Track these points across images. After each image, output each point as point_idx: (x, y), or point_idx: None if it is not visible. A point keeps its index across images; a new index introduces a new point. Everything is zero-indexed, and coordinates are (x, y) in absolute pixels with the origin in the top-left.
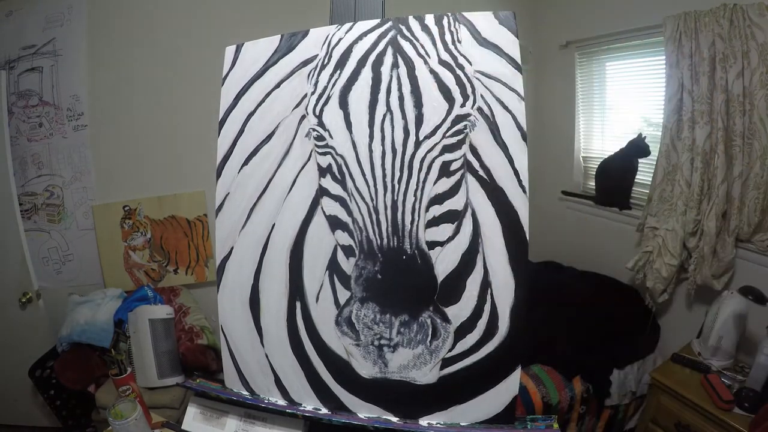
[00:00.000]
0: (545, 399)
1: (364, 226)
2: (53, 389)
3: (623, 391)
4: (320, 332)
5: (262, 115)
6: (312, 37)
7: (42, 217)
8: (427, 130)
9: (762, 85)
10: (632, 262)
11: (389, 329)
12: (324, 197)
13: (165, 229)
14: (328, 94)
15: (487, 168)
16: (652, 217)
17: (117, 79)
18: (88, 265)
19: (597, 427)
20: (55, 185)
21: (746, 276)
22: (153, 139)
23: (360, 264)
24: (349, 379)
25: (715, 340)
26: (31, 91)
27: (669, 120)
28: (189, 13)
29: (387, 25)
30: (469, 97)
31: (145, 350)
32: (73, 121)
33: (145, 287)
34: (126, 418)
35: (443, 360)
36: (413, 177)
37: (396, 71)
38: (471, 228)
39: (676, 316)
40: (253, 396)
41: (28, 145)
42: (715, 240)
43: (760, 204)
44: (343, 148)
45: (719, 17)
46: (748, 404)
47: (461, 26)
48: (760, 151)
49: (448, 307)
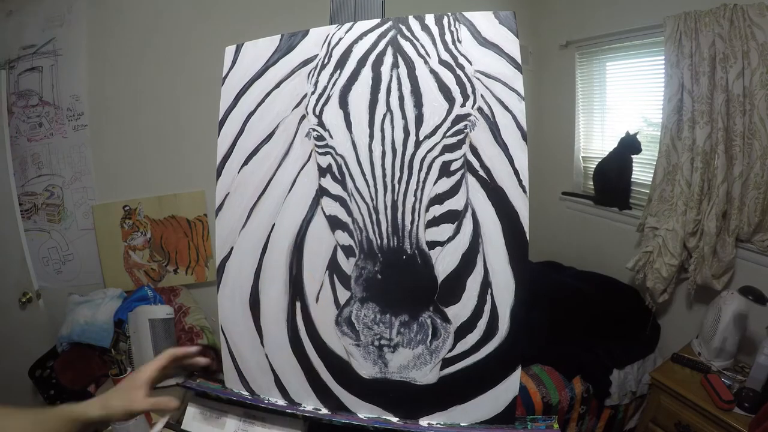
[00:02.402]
0: (545, 399)
1: (364, 226)
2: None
3: (623, 391)
4: (320, 332)
5: (262, 115)
6: (312, 36)
7: (42, 217)
8: (428, 129)
9: (762, 85)
10: (632, 262)
11: (389, 329)
12: (324, 197)
13: (165, 229)
14: (328, 94)
15: (487, 168)
16: (652, 217)
17: (117, 79)
18: (88, 265)
19: (597, 427)
20: (55, 185)
21: (746, 276)
22: (153, 138)
23: (360, 264)
24: (349, 379)
25: (716, 340)
26: (31, 91)
27: (669, 120)
28: (189, 13)
29: (387, 24)
30: (470, 96)
31: (145, 350)
32: (73, 121)
33: (145, 287)
34: None
35: (443, 360)
36: (413, 177)
37: (396, 71)
38: (471, 228)
39: (676, 316)
40: (252, 396)
41: (28, 145)
42: (716, 240)
43: (760, 204)
44: (343, 148)
45: (719, 17)
46: (748, 404)
47: (461, 26)
48: (761, 151)
49: (448, 307)
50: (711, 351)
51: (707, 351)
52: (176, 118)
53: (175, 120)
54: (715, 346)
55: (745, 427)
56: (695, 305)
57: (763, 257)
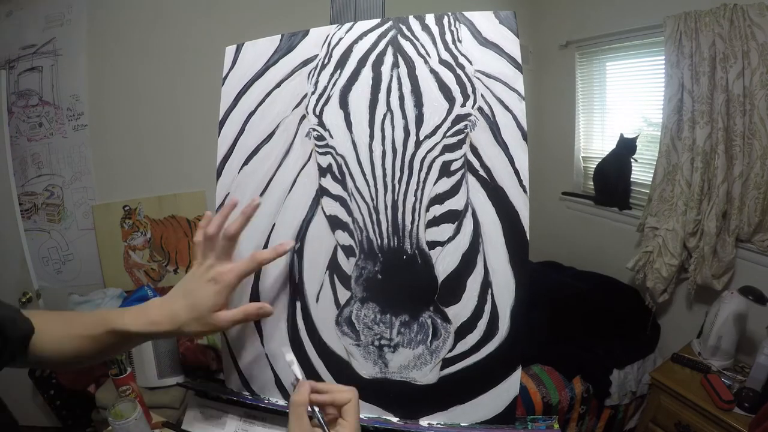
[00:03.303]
0: (545, 399)
1: (364, 226)
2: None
3: (623, 391)
4: (320, 332)
5: (262, 115)
6: (312, 36)
7: (42, 216)
8: (428, 129)
9: (762, 85)
10: (632, 262)
11: (389, 329)
12: (324, 197)
13: (165, 229)
14: (329, 93)
15: (487, 168)
16: (652, 217)
17: (117, 79)
18: (88, 265)
19: (597, 427)
20: (55, 185)
21: (746, 276)
22: (153, 138)
23: (360, 264)
24: (349, 379)
25: (715, 340)
26: (31, 91)
27: (669, 120)
28: (189, 13)
29: (387, 24)
30: (470, 96)
31: (145, 350)
32: (73, 121)
33: (145, 287)
34: (126, 418)
35: (444, 360)
36: (413, 177)
37: (396, 71)
38: (471, 228)
39: (676, 316)
40: (253, 396)
41: (28, 144)
42: (716, 240)
43: (760, 204)
44: (343, 148)
45: (719, 17)
46: (748, 404)
47: (461, 26)
48: (761, 151)
49: (449, 307)
50: (711, 351)
51: (707, 351)
52: (176, 118)
53: (175, 120)
54: (714, 346)
55: (745, 427)
56: (695, 305)
57: (763, 257)
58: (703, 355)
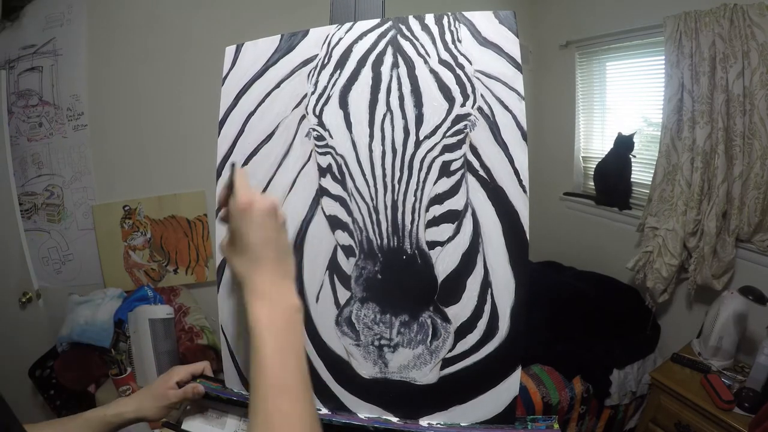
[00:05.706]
0: (545, 399)
1: (364, 226)
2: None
3: (623, 391)
4: (320, 332)
5: (262, 115)
6: (312, 36)
7: (42, 216)
8: (428, 129)
9: (762, 85)
10: (632, 262)
11: (389, 329)
12: (324, 197)
13: (165, 229)
14: (328, 94)
15: (487, 168)
16: (652, 217)
17: (117, 79)
18: (88, 265)
19: (597, 427)
20: (55, 185)
21: (746, 276)
22: (153, 139)
23: (360, 264)
24: (349, 379)
25: (716, 340)
26: (31, 91)
27: (669, 120)
28: (189, 13)
29: (387, 24)
30: (470, 96)
31: (145, 350)
32: (73, 120)
33: (145, 287)
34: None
35: (443, 360)
36: (413, 177)
37: (396, 71)
38: (471, 228)
39: (676, 316)
40: None
41: (28, 144)
42: (716, 240)
43: (760, 204)
44: (343, 148)
45: (719, 17)
46: (748, 404)
47: (461, 26)
48: (761, 151)
49: (449, 307)
50: (711, 351)
51: (707, 351)
52: (176, 118)
53: (175, 120)
54: (715, 347)
55: (745, 427)
56: (695, 305)
57: (763, 257)
58: (703, 355)
